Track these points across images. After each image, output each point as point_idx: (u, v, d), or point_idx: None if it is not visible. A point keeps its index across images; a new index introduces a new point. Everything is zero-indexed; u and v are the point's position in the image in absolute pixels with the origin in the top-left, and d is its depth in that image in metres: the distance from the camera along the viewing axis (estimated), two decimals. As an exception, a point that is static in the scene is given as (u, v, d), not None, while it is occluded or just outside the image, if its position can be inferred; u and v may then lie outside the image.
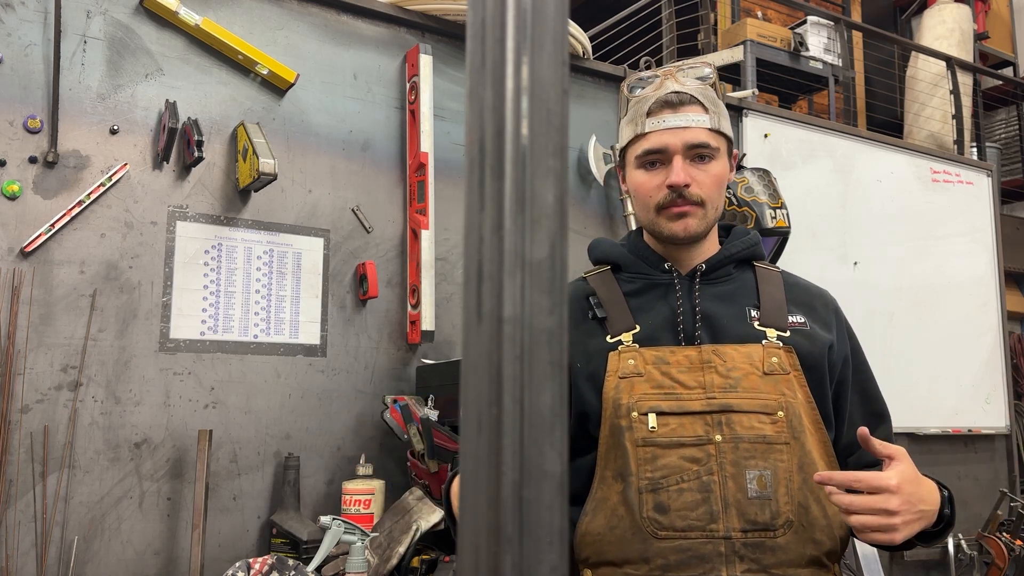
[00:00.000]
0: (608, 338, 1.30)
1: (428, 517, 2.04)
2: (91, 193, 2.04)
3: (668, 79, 1.33)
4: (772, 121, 3.31)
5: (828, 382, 1.30)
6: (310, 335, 2.29)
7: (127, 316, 2.06)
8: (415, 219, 2.44)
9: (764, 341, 1.27)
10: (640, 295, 1.34)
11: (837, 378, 1.33)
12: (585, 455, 1.28)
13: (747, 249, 1.37)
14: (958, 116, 4.74)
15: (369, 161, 2.44)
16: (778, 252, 2.56)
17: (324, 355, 2.30)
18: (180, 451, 2.08)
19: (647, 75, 1.36)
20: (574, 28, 2.77)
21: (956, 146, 4.66)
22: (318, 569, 1.91)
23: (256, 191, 2.23)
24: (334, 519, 1.92)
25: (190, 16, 2.17)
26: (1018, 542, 2.94)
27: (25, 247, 1.95)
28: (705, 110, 1.30)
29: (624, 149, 1.36)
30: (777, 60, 4.37)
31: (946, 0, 5.52)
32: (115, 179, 2.07)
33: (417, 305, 2.39)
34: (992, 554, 2.91)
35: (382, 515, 2.14)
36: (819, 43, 4.57)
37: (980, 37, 5.81)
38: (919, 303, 3.61)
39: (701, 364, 1.25)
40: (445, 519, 1.39)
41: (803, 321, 1.31)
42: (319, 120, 2.37)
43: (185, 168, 2.16)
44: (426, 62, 2.48)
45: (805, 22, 4.60)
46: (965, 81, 5.06)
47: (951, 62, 4.83)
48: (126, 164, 2.09)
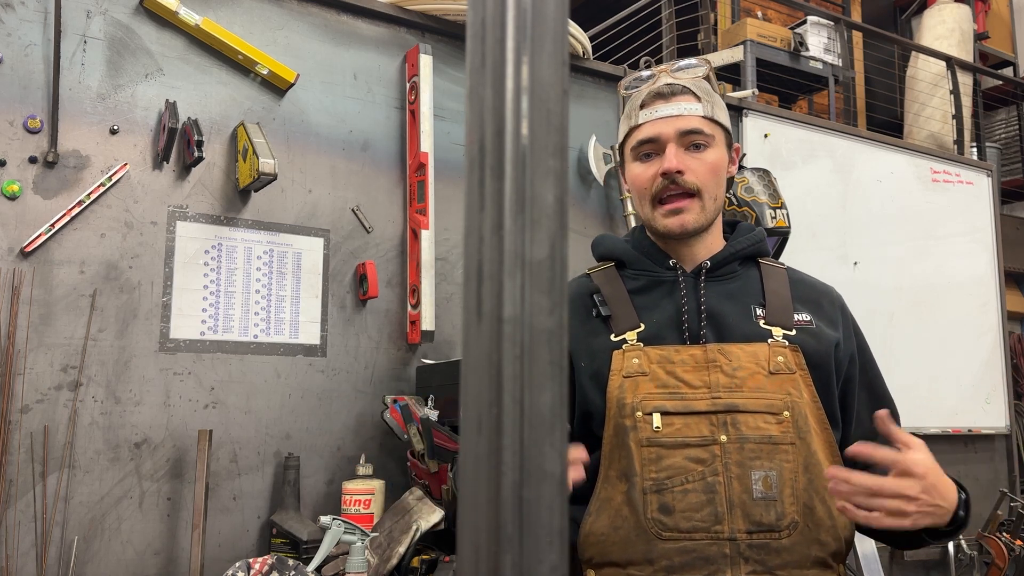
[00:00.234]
0: (612, 336, 1.29)
1: (428, 517, 2.04)
2: (91, 193, 2.04)
3: (662, 75, 1.34)
4: (772, 121, 3.31)
5: (835, 381, 1.29)
6: (310, 335, 2.29)
7: (127, 316, 2.06)
8: (415, 219, 2.44)
9: (770, 340, 1.26)
10: (645, 293, 1.33)
11: (844, 376, 1.31)
12: (589, 454, 1.28)
13: (752, 246, 1.36)
14: (958, 116, 4.74)
15: (369, 161, 2.44)
16: (778, 252, 2.56)
17: (324, 355, 2.30)
18: (180, 451, 2.08)
19: (643, 74, 1.37)
20: (574, 28, 2.77)
21: (956, 146, 4.66)
22: (318, 569, 1.91)
23: (256, 191, 2.23)
24: (334, 519, 1.92)
25: (190, 16, 2.17)
26: (1018, 542, 2.94)
27: (25, 247, 1.95)
28: (698, 99, 1.30)
29: (622, 146, 1.36)
30: (777, 60, 4.37)
31: (946, 0, 5.52)
32: (115, 179, 2.07)
33: (417, 305, 2.39)
34: (992, 554, 2.91)
35: (382, 515, 2.14)
36: (819, 43, 4.57)
37: (980, 37, 5.81)
38: (919, 303, 3.61)
39: (706, 363, 1.24)
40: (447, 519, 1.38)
41: (809, 319, 1.30)
42: (319, 120, 2.37)
43: (185, 168, 2.16)
44: (426, 62, 2.48)
45: (805, 22, 4.60)
46: (965, 81, 5.06)
47: (951, 62, 4.83)
48: (126, 164, 2.09)
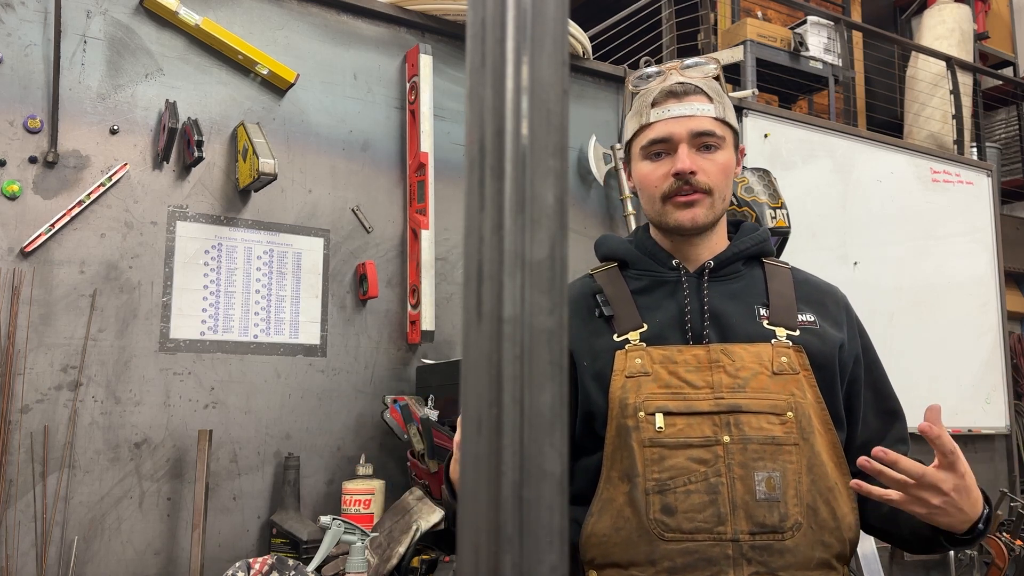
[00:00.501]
0: (615, 337, 1.28)
1: (428, 517, 2.04)
2: (91, 193, 2.04)
3: (672, 72, 1.33)
4: (772, 121, 3.31)
5: (839, 382, 1.28)
6: (310, 335, 2.29)
7: (127, 316, 2.06)
8: (415, 219, 2.44)
9: (773, 340, 1.26)
10: (647, 293, 1.33)
11: (849, 377, 1.31)
12: (591, 455, 1.27)
13: (756, 245, 1.36)
14: (958, 116, 4.74)
15: (369, 161, 2.44)
16: (778, 252, 2.56)
17: (324, 355, 2.30)
18: (180, 451, 2.08)
19: (652, 70, 1.35)
20: (574, 28, 2.77)
21: (956, 146, 4.66)
22: (318, 569, 1.91)
23: (256, 191, 2.23)
24: (334, 519, 1.92)
25: (190, 16, 2.17)
26: (1018, 542, 2.94)
27: (25, 247, 1.95)
28: (710, 100, 1.29)
29: (629, 143, 1.35)
30: (777, 60, 4.37)
31: (946, 0, 5.52)
32: (115, 179, 2.07)
33: (417, 305, 2.39)
34: (992, 554, 2.91)
35: (382, 515, 2.14)
36: (819, 43, 4.57)
37: (980, 37, 5.81)
38: (919, 303, 3.61)
39: (709, 363, 1.23)
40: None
41: (813, 320, 1.30)
42: (319, 120, 2.37)
43: (185, 168, 2.16)
44: (426, 62, 2.48)
45: (805, 22, 4.59)
46: (965, 81, 5.06)
47: (951, 62, 4.83)
48: (126, 164, 2.09)
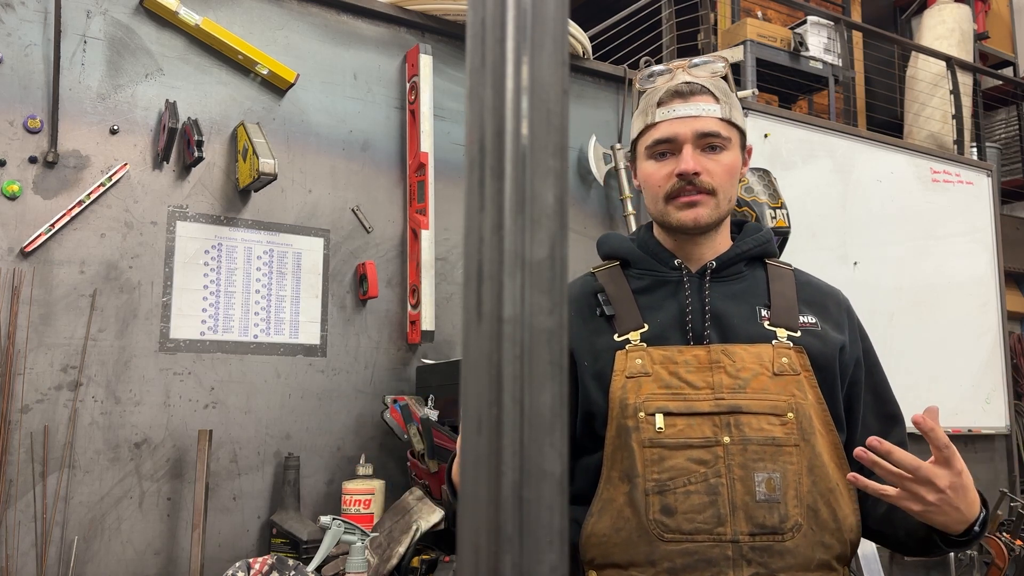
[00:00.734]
0: (616, 336, 1.28)
1: (428, 517, 2.04)
2: (91, 193, 2.04)
3: (680, 71, 1.32)
4: (772, 121, 3.31)
5: (839, 383, 1.28)
6: (310, 335, 2.29)
7: (127, 316, 2.06)
8: (415, 219, 2.44)
9: (774, 341, 1.25)
10: (649, 292, 1.32)
11: (849, 379, 1.31)
12: (592, 454, 1.27)
13: (759, 246, 1.35)
14: (958, 116, 4.74)
15: (369, 161, 2.44)
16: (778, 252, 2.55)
17: (324, 355, 2.30)
18: (180, 451, 2.08)
19: (659, 69, 1.35)
20: (574, 28, 2.77)
21: (956, 146, 4.66)
22: (318, 569, 1.91)
23: (256, 191, 2.23)
24: (334, 519, 1.92)
25: (190, 16, 2.17)
26: (1018, 542, 2.94)
27: (25, 247, 1.95)
28: (716, 100, 1.29)
29: (635, 141, 1.35)
30: (777, 60, 4.37)
31: (946, 0, 5.52)
32: (115, 179, 2.07)
33: (417, 305, 2.39)
34: (992, 554, 2.91)
35: (382, 515, 2.14)
36: (819, 43, 4.57)
37: (980, 37, 5.81)
38: (919, 303, 3.61)
39: (710, 364, 1.23)
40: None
41: (814, 322, 1.29)
42: (319, 120, 2.37)
43: (185, 168, 2.16)
44: (426, 62, 2.48)
45: (805, 22, 4.59)
46: (965, 81, 5.06)
47: (951, 62, 4.83)
48: (126, 164, 2.09)
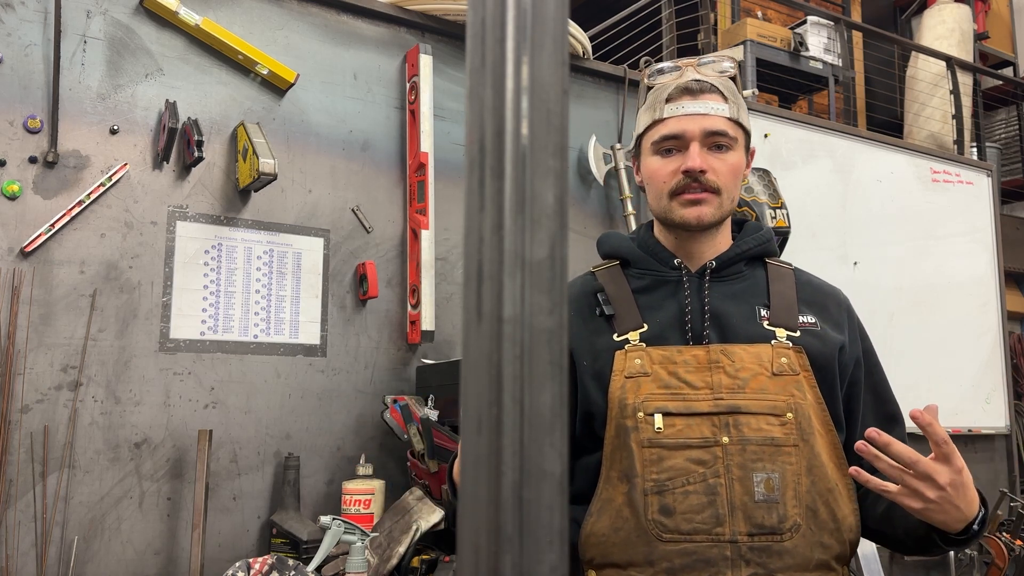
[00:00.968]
0: (615, 336, 1.28)
1: (428, 517, 2.04)
2: (91, 193, 2.04)
3: (689, 69, 1.32)
4: (772, 121, 3.31)
5: (839, 383, 1.28)
6: (310, 335, 2.29)
7: (127, 316, 2.06)
8: (415, 219, 2.44)
9: (773, 341, 1.25)
10: (649, 292, 1.32)
11: (849, 379, 1.31)
12: (591, 454, 1.27)
13: (759, 246, 1.35)
14: (958, 116, 4.74)
15: (369, 161, 2.44)
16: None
17: (324, 355, 2.30)
18: (180, 451, 2.08)
19: (668, 65, 1.34)
20: (574, 28, 2.77)
21: (956, 146, 4.66)
22: (318, 569, 1.91)
23: (256, 191, 2.23)
24: (334, 519, 1.92)
25: (190, 16, 2.17)
26: (1018, 542, 2.94)
27: (25, 247, 1.95)
28: (725, 99, 1.29)
29: (640, 137, 1.34)
30: (777, 60, 4.37)
31: (946, 0, 5.52)
32: (115, 179, 2.07)
33: (417, 305, 2.39)
34: (992, 554, 2.91)
35: (382, 515, 2.14)
36: (819, 43, 4.57)
37: (980, 37, 5.81)
38: (919, 303, 3.61)
39: (709, 364, 1.23)
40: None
41: (814, 321, 1.29)
42: (319, 120, 2.37)
43: (185, 168, 2.16)
44: (426, 62, 2.48)
45: (805, 22, 4.60)
46: (965, 81, 5.06)
47: (951, 62, 4.83)
48: (126, 164, 2.09)
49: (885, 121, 5.07)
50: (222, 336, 2.17)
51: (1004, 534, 2.98)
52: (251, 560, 1.89)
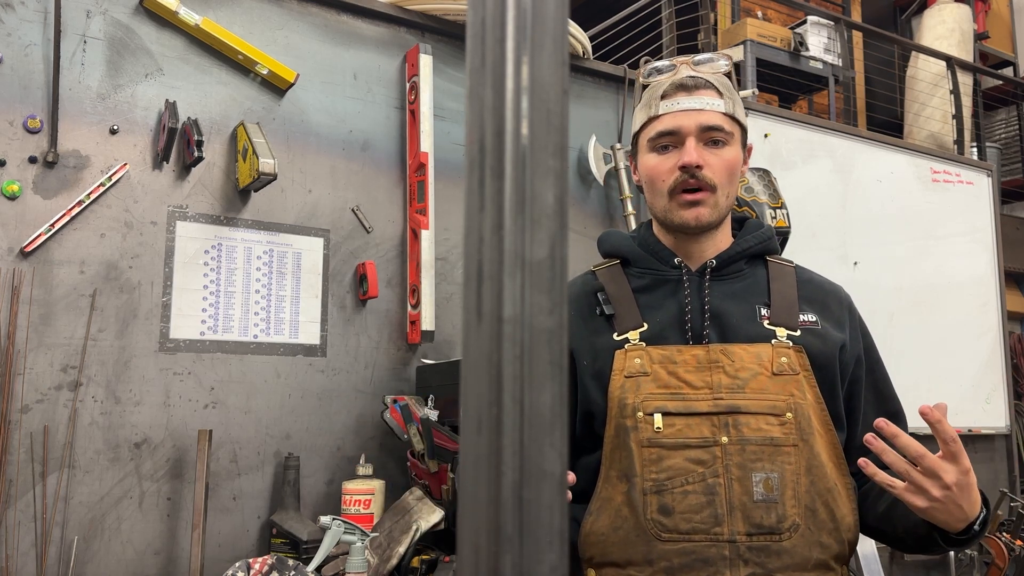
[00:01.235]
0: (615, 336, 1.28)
1: (428, 517, 2.04)
2: (91, 193, 2.04)
3: (684, 66, 1.32)
4: (772, 121, 3.31)
5: (839, 382, 1.28)
6: (310, 335, 2.29)
7: (127, 316, 2.06)
8: (415, 219, 2.44)
9: (773, 341, 1.25)
10: (649, 291, 1.32)
11: (850, 378, 1.30)
12: (591, 454, 1.27)
13: (760, 244, 1.35)
14: (958, 116, 4.74)
15: (369, 161, 2.44)
16: (778, 252, 2.55)
17: (324, 355, 2.30)
18: (180, 451, 2.08)
19: (663, 63, 1.34)
20: (574, 28, 2.77)
21: (956, 146, 4.66)
22: (318, 569, 1.91)
23: (256, 191, 2.23)
24: (334, 519, 1.92)
25: (190, 16, 2.17)
26: (1018, 542, 2.94)
27: (25, 247, 1.95)
28: (720, 95, 1.29)
29: (637, 135, 1.34)
30: (777, 60, 4.37)
31: (946, 0, 5.52)
32: (115, 179, 2.07)
33: (417, 305, 2.39)
34: (992, 554, 2.91)
35: (382, 515, 2.14)
36: (819, 43, 4.57)
37: (980, 37, 5.81)
38: (919, 303, 3.61)
39: (708, 364, 1.23)
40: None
41: (815, 320, 1.29)
42: (319, 120, 2.37)
43: (185, 168, 2.16)
44: (426, 62, 2.48)
45: (805, 22, 4.60)
46: (965, 81, 5.06)
47: (951, 62, 4.83)
48: (126, 164, 2.09)
49: (885, 121, 5.07)
50: (222, 336, 2.17)
51: (1004, 534, 2.98)
52: (251, 560, 1.89)
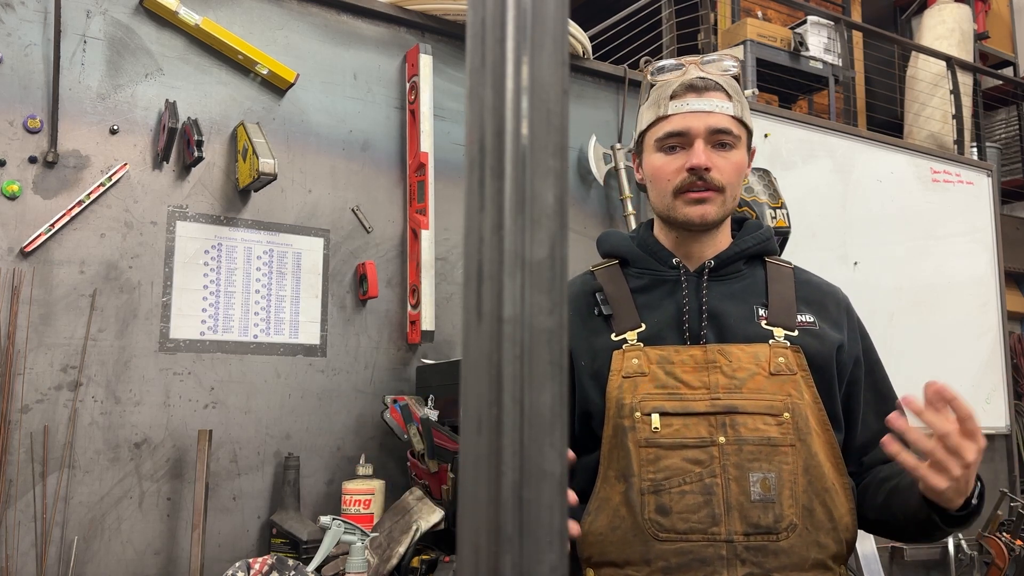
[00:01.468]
0: (613, 336, 1.28)
1: (428, 517, 2.04)
2: (91, 193, 2.04)
3: (692, 67, 1.31)
4: (772, 121, 3.31)
5: (837, 383, 1.28)
6: (310, 335, 2.29)
7: (127, 316, 2.06)
8: (415, 219, 2.44)
9: (771, 341, 1.25)
10: (647, 292, 1.32)
11: (848, 378, 1.30)
12: (590, 453, 1.27)
13: (759, 244, 1.35)
14: (958, 116, 4.74)
15: (369, 161, 2.44)
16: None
17: (324, 355, 2.30)
18: (180, 451, 2.08)
19: (671, 63, 1.34)
20: (574, 28, 2.77)
21: (956, 146, 4.66)
22: (318, 569, 1.91)
23: (256, 191, 2.23)
24: (334, 519, 1.92)
25: (190, 16, 2.17)
26: (1018, 542, 2.94)
27: (25, 247, 1.95)
28: (729, 97, 1.29)
29: (643, 134, 1.34)
30: (777, 60, 4.37)
31: (946, 0, 5.52)
32: (115, 179, 2.07)
33: (417, 305, 2.39)
34: (992, 554, 2.91)
35: (382, 515, 2.14)
36: (819, 43, 4.57)
37: (980, 37, 5.80)
38: (919, 303, 3.61)
39: (706, 364, 1.23)
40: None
41: (812, 320, 1.29)
42: (319, 120, 2.37)
43: (185, 168, 2.16)
44: (426, 62, 2.48)
45: (805, 22, 4.59)
46: (965, 81, 5.06)
47: (951, 62, 4.83)
48: (126, 164, 2.09)
49: (885, 121, 5.07)
50: (222, 336, 2.17)
51: (1004, 534, 2.98)
52: (251, 560, 1.89)
